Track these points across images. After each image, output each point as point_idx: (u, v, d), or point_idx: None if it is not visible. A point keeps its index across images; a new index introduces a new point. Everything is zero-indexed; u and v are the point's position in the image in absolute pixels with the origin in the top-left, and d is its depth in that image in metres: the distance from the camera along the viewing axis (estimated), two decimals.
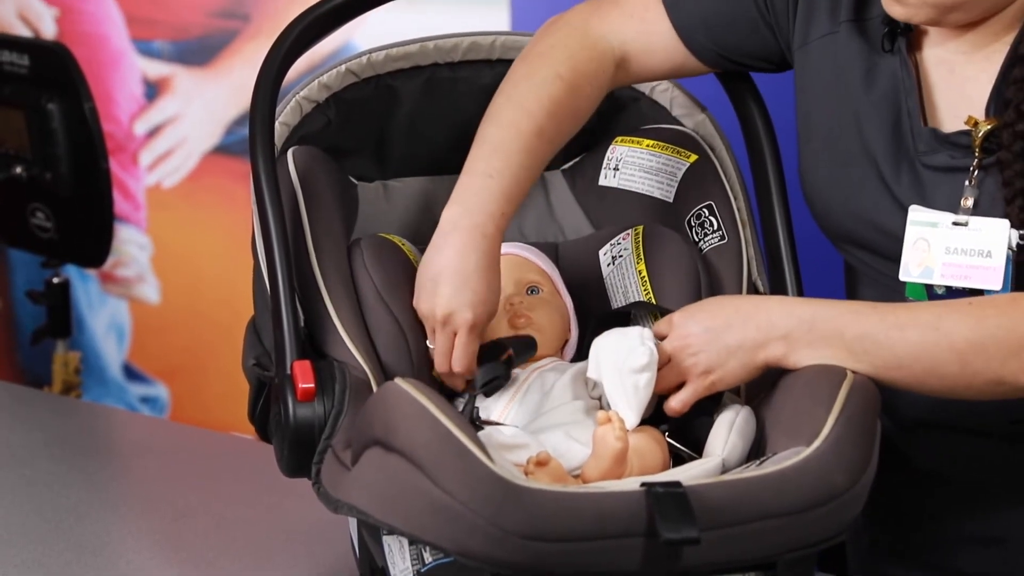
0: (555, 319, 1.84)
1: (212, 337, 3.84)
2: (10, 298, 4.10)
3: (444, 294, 1.70)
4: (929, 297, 1.70)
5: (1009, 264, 1.66)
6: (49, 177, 3.11)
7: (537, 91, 1.80)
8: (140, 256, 3.96)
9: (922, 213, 1.71)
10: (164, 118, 3.86)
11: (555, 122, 1.80)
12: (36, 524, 2.07)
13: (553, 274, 1.89)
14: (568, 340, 1.87)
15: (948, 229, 1.69)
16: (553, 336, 1.84)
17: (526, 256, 1.89)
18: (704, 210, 1.89)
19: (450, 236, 1.72)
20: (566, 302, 1.88)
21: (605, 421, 1.57)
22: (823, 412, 1.53)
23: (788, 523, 1.44)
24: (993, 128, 1.66)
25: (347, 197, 1.91)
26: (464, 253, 1.71)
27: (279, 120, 1.85)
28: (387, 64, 1.92)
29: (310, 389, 1.62)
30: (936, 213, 1.70)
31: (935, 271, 1.70)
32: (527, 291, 1.85)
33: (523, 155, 1.77)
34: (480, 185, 1.74)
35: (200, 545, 2.02)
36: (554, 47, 1.84)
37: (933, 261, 1.70)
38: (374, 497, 1.48)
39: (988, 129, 1.66)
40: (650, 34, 1.86)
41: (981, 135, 1.66)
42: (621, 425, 1.56)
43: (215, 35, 3.75)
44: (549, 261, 1.90)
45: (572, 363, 1.80)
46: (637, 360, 1.63)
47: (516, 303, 1.82)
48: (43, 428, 2.45)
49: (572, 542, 1.39)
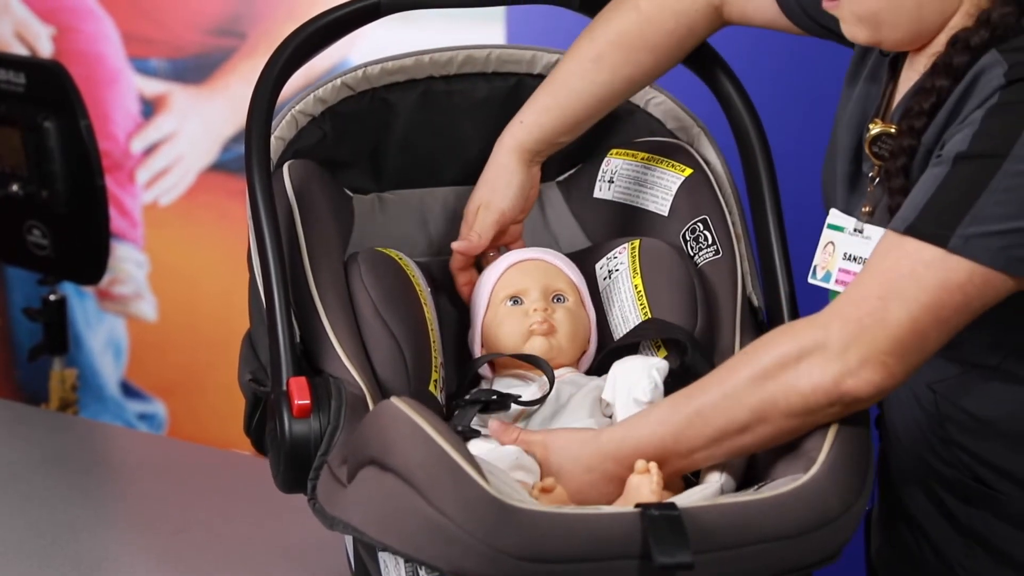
0: (577, 330, 1.84)
1: (210, 354, 3.84)
2: (7, 315, 4.10)
3: (476, 195, 1.92)
4: None
5: None
6: (45, 195, 3.10)
7: (607, 21, 1.87)
8: (137, 274, 3.96)
9: (836, 217, 1.74)
10: (161, 136, 3.87)
11: (620, 52, 1.87)
12: (33, 540, 2.07)
13: (581, 285, 1.89)
14: (586, 351, 1.87)
15: (850, 235, 1.72)
16: (572, 347, 1.84)
17: (556, 264, 1.89)
18: (699, 224, 1.89)
19: (493, 156, 1.92)
20: (589, 314, 1.88)
21: (644, 471, 1.56)
22: (819, 438, 1.54)
23: (782, 547, 1.45)
24: (882, 133, 1.68)
25: (343, 210, 1.91)
26: (496, 169, 1.92)
27: (275, 134, 1.85)
28: (383, 78, 1.92)
29: (306, 406, 1.62)
30: (845, 218, 1.73)
31: (833, 275, 1.72)
32: (553, 299, 1.85)
33: (574, 79, 1.89)
34: (524, 112, 1.91)
35: (198, 561, 2.02)
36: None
37: (833, 266, 1.73)
38: (369, 516, 1.48)
39: (875, 133, 1.68)
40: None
41: (869, 138, 1.69)
42: (659, 478, 1.55)
43: (211, 53, 3.75)
44: (578, 272, 1.91)
45: (589, 376, 1.81)
46: (641, 393, 1.66)
47: (540, 308, 1.83)
48: (40, 445, 2.45)
49: (566, 563, 1.39)
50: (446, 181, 2.01)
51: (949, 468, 1.76)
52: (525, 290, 1.85)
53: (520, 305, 1.84)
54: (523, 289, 1.85)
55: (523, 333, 1.82)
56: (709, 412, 1.57)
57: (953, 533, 1.78)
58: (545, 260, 1.89)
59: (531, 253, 1.90)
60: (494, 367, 1.84)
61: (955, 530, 1.78)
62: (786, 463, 1.56)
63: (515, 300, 1.85)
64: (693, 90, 1.96)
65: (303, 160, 1.87)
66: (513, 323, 1.83)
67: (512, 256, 1.89)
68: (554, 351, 1.80)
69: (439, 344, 1.81)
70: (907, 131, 1.64)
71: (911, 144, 1.64)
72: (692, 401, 1.59)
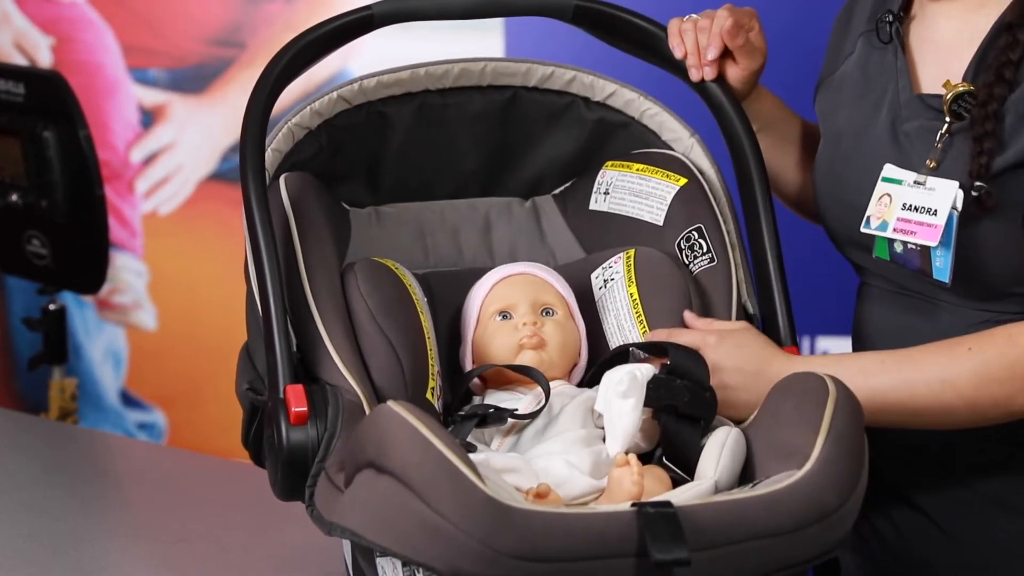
0: (567, 342, 1.85)
1: (209, 363, 3.84)
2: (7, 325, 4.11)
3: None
4: (890, 254, 1.77)
5: (951, 224, 1.72)
6: (45, 205, 3.11)
7: None
8: (137, 283, 3.97)
9: (892, 171, 1.78)
10: (160, 145, 3.88)
11: None
12: (33, 550, 2.07)
13: (569, 298, 1.90)
14: (577, 364, 1.87)
15: (909, 187, 1.75)
16: (563, 359, 1.84)
17: (544, 277, 1.90)
18: (694, 233, 1.90)
19: None
20: (579, 326, 1.89)
21: (624, 464, 1.58)
22: (812, 434, 1.53)
23: (779, 543, 1.45)
24: (964, 92, 1.73)
25: (339, 222, 1.92)
26: None
27: (271, 147, 1.86)
28: (378, 91, 1.93)
29: (303, 413, 1.63)
30: (903, 171, 1.77)
31: (890, 224, 1.76)
32: (542, 312, 1.86)
33: None
34: None
35: (197, 570, 2.02)
36: None
37: (890, 216, 1.76)
38: (367, 519, 1.49)
39: (958, 92, 1.74)
40: None
41: (950, 97, 1.74)
42: (639, 469, 1.57)
43: (211, 63, 3.77)
44: (566, 285, 1.91)
45: (580, 389, 1.81)
46: (619, 385, 1.65)
47: (529, 322, 1.83)
48: (40, 454, 2.45)
49: (563, 562, 1.39)
50: (442, 194, 2.02)
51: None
52: (514, 305, 1.85)
53: (509, 320, 1.85)
54: (512, 304, 1.85)
55: (513, 347, 1.82)
56: (919, 386, 1.68)
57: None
58: (533, 274, 1.89)
59: (519, 268, 1.91)
60: (485, 383, 1.85)
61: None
62: (780, 461, 1.56)
63: (504, 315, 1.85)
64: (687, 100, 1.97)
65: (299, 172, 1.88)
66: (503, 338, 1.83)
67: (500, 271, 1.90)
68: (544, 364, 1.81)
69: (436, 352, 1.81)
70: (995, 84, 1.72)
71: (1001, 94, 1.71)
72: (902, 368, 1.69)
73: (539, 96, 1.98)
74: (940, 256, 1.74)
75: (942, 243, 1.72)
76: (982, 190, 1.71)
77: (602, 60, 2.08)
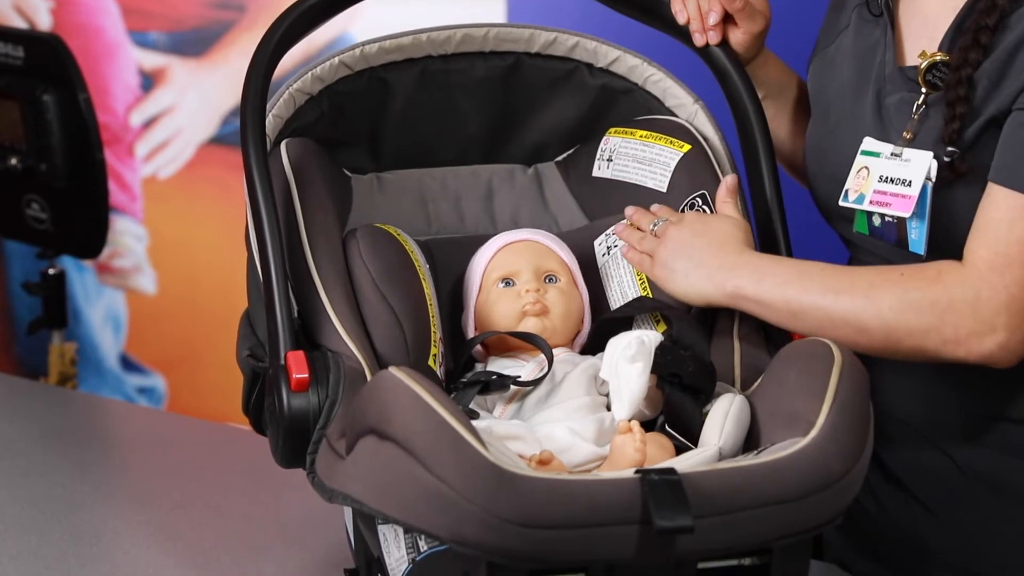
0: (570, 310, 1.85)
1: (209, 328, 3.84)
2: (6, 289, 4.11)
3: None
4: (869, 228, 1.78)
5: (925, 195, 1.72)
6: (44, 168, 3.10)
7: None
8: (136, 247, 3.97)
9: (871, 143, 1.78)
10: (160, 109, 3.87)
11: None
12: (32, 515, 2.08)
13: (572, 265, 1.89)
14: (580, 331, 1.87)
15: (886, 159, 1.76)
16: (565, 327, 1.84)
17: (547, 244, 1.89)
18: (697, 199, 1.90)
19: None
20: (582, 294, 1.88)
21: (626, 431, 1.58)
22: (817, 401, 1.53)
23: (784, 510, 1.45)
24: (939, 61, 1.73)
25: (341, 189, 1.91)
26: None
27: (272, 112, 1.85)
28: (380, 56, 1.92)
29: (304, 379, 1.62)
30: (881, 144, 1.77)
31: (867, 197, 1.76)
32: (545, 279, 1.85)
33: None
34: None
35: (196, 535, 2.02)
36: None
37: (867, 188, 1.76)
38: (368, 486, 1.49)
39: (933, 61, 1.74)
40: None
41: (924, 67, 1.74)
42: (642, 436, 1.56)
43: (211, 26, 3.75)
44: (569, 251, 1.91)
45: (584, 356, 1.81)
46: (628, 350, 1.64)
47: (532, 289, 1.83)
48: (39, 419, 2.45)
49: (566, 529, 1.39)
50: (444, 161, 2.01)
51: None
52: (517, 271, 1.85)
53: (512, 287, 1.84)
54: (515, 270, 1.85)
55: (516, 314, 1.82)
56: (844, 298, 1.69)
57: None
58: (536, 241, 1.89)
59: (522, 234, 1.90)
60: (487, 350, 1.84)
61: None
62: (785, 428, 1.55)
63: (507, 282, 1.85)
64: (691, 67, 1.96)
65: (301, 138, 1.87)
66: (506, 305, 1.83)
67: (503, 238, 1.89)
68: (547, 331, 1.81)
69: (438, 319, 1.81)
70: (970, 49, 1.71)
71: (976, 59, 1.71)
72: (837, 275, 1.71)
73: (542, 62, 1.97)
74: (915, 228, 1.73)
75: (916, 214, 1.72)
76: (955, 155, 1.70)
77: (605, 26, 2.07)
